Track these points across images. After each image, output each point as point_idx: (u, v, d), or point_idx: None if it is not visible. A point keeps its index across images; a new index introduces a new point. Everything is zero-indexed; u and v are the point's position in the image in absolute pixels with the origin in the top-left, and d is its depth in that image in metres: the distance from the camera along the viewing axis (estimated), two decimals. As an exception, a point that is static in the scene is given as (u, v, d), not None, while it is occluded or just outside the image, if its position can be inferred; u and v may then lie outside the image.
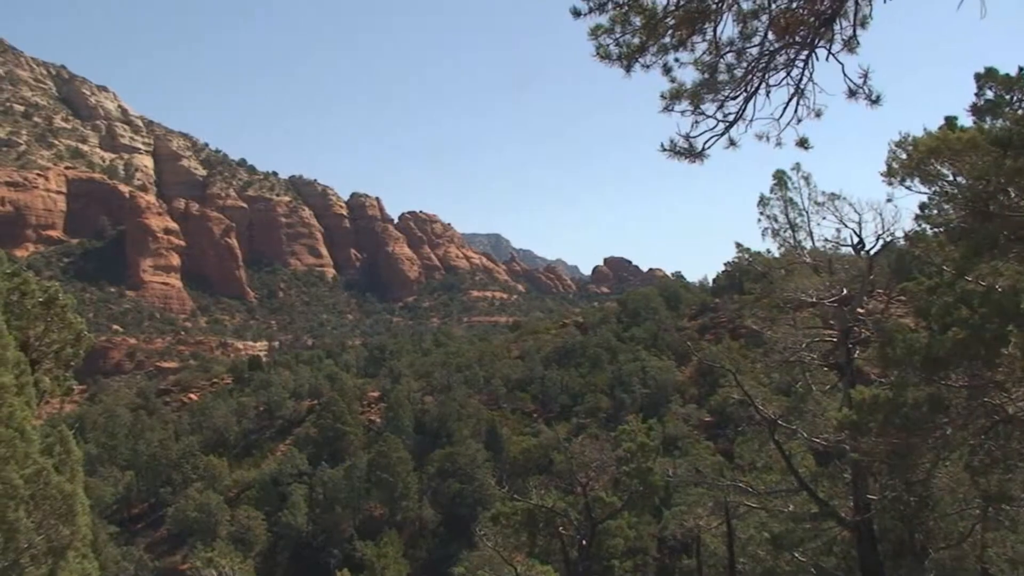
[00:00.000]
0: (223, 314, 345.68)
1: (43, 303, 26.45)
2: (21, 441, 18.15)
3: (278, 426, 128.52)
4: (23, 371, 20.17)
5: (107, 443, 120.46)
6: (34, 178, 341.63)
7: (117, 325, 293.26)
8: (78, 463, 20.36)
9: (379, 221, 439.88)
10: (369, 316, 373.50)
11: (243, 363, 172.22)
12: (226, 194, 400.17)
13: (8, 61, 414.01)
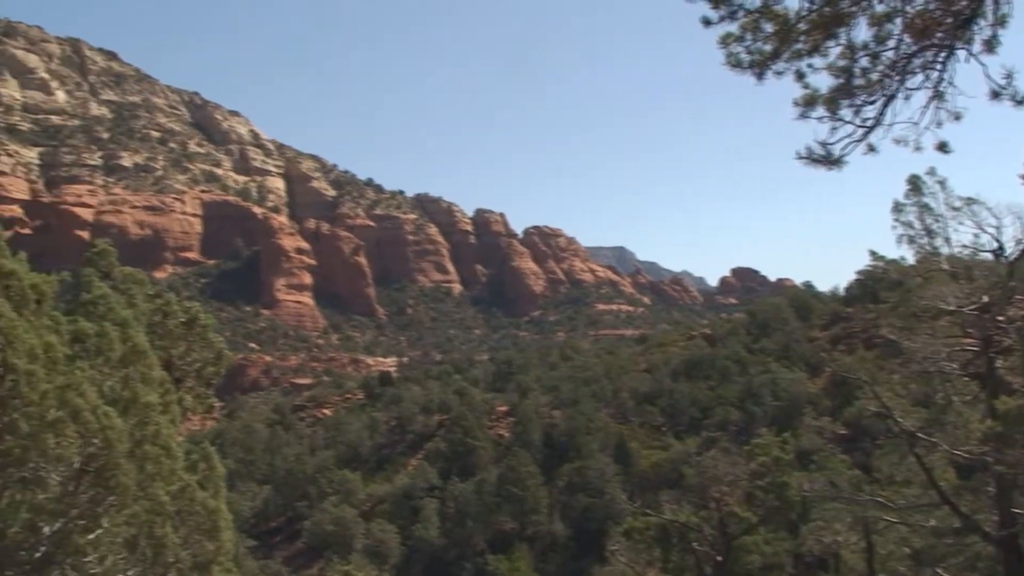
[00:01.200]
0: (354, 331, 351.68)
1: (185, 323, 27.28)
2: (167, 458, 18.67)
3: (409, 441, 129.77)
4: (167, 390, 20.82)
5: (245, 458, 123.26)
6: (171, 202, 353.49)
7: (253, 343, 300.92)
8: (221, 479, 20.87)
9: (504, 236, 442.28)
10: (496, 331, 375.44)
11: (374, 379, 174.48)
12: (355, 213, 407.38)
13: (144, 89, 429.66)
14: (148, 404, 18.86)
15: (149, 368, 20.13)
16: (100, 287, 23.55)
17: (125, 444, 18.71)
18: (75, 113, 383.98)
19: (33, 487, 20.61)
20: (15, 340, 20.06)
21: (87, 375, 19.72)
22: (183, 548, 19.30)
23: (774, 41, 13.28)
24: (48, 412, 19.93)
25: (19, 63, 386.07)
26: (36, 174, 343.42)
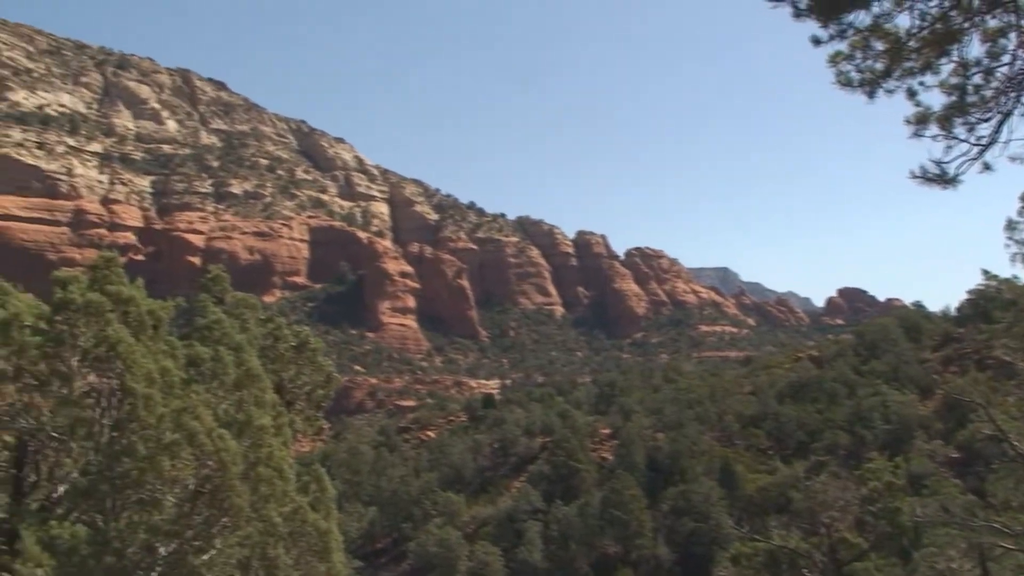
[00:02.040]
0: (457, 353, 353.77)
1: (295, 347, 27.79)
2: (280, 480, 19.02)
3: (512, 463, 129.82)
4: (279, 412, 21.22)
5: (351, 479, 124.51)
6: (279, 227, 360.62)
7: (358, 366, 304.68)
8: (332, 501, 21.18)
9: (605, 258, 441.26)
10: (598, 353, 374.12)
11: (477, 401, 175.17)
12: (457, 237, 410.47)
13: (253, 118, 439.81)
14: (261, 427, 19.25)
15: (262, 391, 20.54)
16: (215, 312, 24.13)
17: (239, 466, 19.10)
18: (186, 142, 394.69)
19: (150, 508, 21.16)
20: (133, 365, 20.66)
21: (202, 398, 20.21)
22: (295, 569, 19.61)
23: (885, 59, 13.13)
24: (164, 435, 20.47)
25: (132, 94, 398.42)
26: (149, 202, 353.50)
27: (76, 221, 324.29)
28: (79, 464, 23.57)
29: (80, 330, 22.39)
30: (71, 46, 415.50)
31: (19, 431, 24.41)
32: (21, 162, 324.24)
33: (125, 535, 20.81)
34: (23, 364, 23.60)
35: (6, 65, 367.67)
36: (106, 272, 22.10)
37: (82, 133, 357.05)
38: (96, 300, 21.43)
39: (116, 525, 21.07)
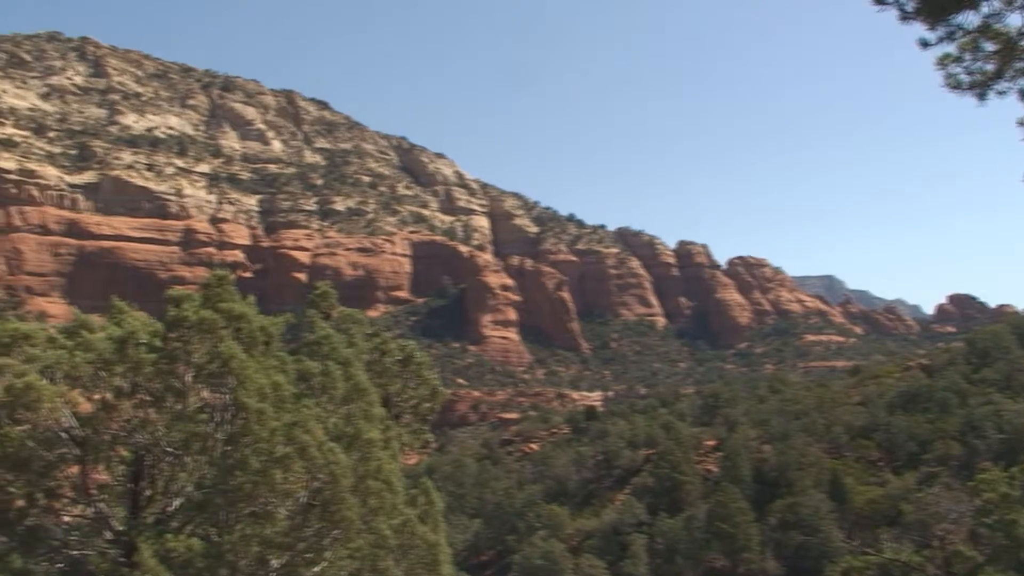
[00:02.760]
0: (559, 365, 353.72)
1: (401, 361, 28.09)
2: (389, 493, 19.23)
3: (616, 475, 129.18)
4: (387, 426, 21.46)
5: (456, 492, 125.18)
6: (382, 243, 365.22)
7: (461, 379, 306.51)
8: (440, 514, 21.34)
9: (707, 268, 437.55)
10: (701, 364, 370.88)
11: (580, 413, 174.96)
12: (557, 249, 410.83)
13: (355, 136, 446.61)
14: (370, 440, 19.49)
15: (370, 405, 20.80)
16: (323, 327, 24.53)
17: (349, 479, 19.37)
18: (291, 161, 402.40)
19: (263, 521, 21.55)
20: (246, 380, 21.10)
21: (313, 412, 20.55)
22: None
23: (996, 60, 12.85)
24: (277, 448, 20.85)
25: (238, 115, 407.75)
26: (256, 220, 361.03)
27: (186, 240, 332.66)
28: (194, 478, 24.12)
29: (194, 347, 22.94)
30: (178, 70, 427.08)
31: (136, 446, 25.07)
32: (132, 184, 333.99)
33: (239, 548, 21.22)
34: (139, 381, 24.26)
35: (116, 90, 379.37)
36: (218, 290, 22.62)
37: (190, 154, 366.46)
38: (209, 317, 21.96)
39: (230, 538, 21.50)
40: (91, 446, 24.93)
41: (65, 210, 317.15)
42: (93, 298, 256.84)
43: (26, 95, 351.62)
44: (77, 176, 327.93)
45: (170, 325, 23.41)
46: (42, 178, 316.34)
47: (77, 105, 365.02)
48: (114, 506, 26.41)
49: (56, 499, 26.62)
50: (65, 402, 24.76)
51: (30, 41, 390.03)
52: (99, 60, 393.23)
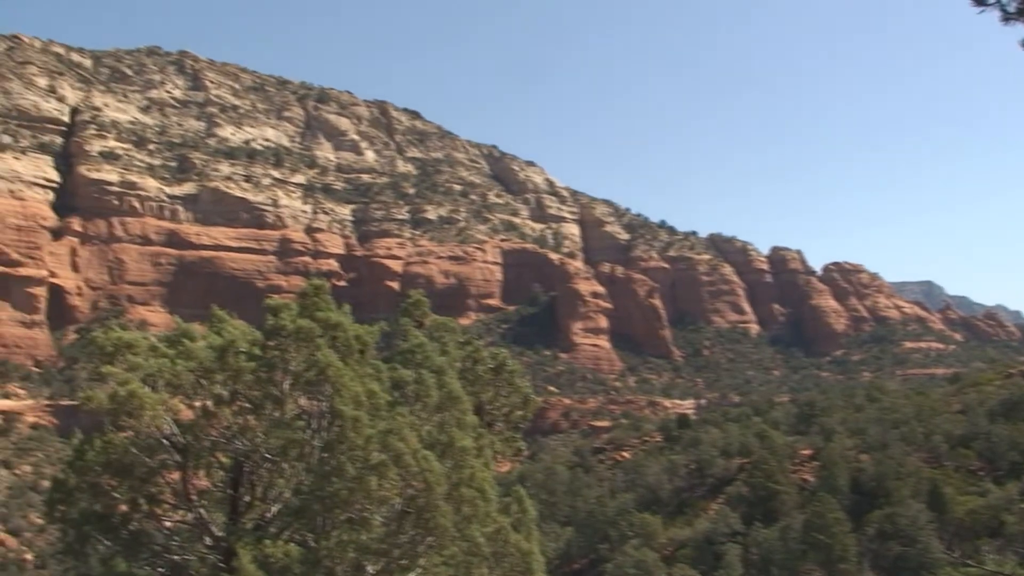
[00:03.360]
0: (650, 373, 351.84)
1: (493, 369, 28.27)
2: (482, 501, 19.37)
3: (709, 484, 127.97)
4: (480, 434, 21.62)
5: (547, 500, 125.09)
6: (473, 251, 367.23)
7: (552, 386, 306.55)
8: (533, 522, 21.43)
9: (801, 274, 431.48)
10: (796, 372, 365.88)
11: (672, 421, 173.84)
12: (648, 256, 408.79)
13: (447, 145, 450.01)
14: (464, 448, 19.65)
15: (463, 413, 20.97)
16: (417, 336, 24.80)
17: (443, 487, 19.55)
18: (384, 171, 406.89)
19: (359, 527, 21.86)
20: (342, 388, 21.44)
21: (407, 420, 20.78)
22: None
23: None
24: (372, 456, 21.13)
25: (332, 126, 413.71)
26: (349, 229, 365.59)
27: (282, 249, 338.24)
28: (291, 484, 24.58)
29: (291, 355, 23.40)
30: (274, 82, 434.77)
31: (235, 453, 25.62)
32: (230, 195, 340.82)
33: (335, 554, 21.55)
34: (239, 388, 24.80)
35: (214, 103, 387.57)
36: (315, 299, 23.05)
37: (286, 165, 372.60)
38: (306, 326, 22.39)
39: (327, 544, 21.84)
40: (192, 452, 25.55)
41: (165, 221, 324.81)
42: (192, 307, 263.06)
43: (127, 109, 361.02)
44: (177, 187, 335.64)
45: (268, 334, 23.90)
46: (143, 190, 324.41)
47: (176, 118, 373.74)
48: (214, 512, 27.02)
49: (158, 504, 27.32)
50: (167, 409, 25.41)
51: (131, 56, 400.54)
52: (197, 74, 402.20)
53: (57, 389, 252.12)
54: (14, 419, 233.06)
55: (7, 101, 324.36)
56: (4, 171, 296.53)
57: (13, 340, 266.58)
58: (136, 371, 24.94)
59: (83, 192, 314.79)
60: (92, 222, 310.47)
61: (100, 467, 26.33)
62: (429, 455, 20.10)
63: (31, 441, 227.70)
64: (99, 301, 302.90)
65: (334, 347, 22.74)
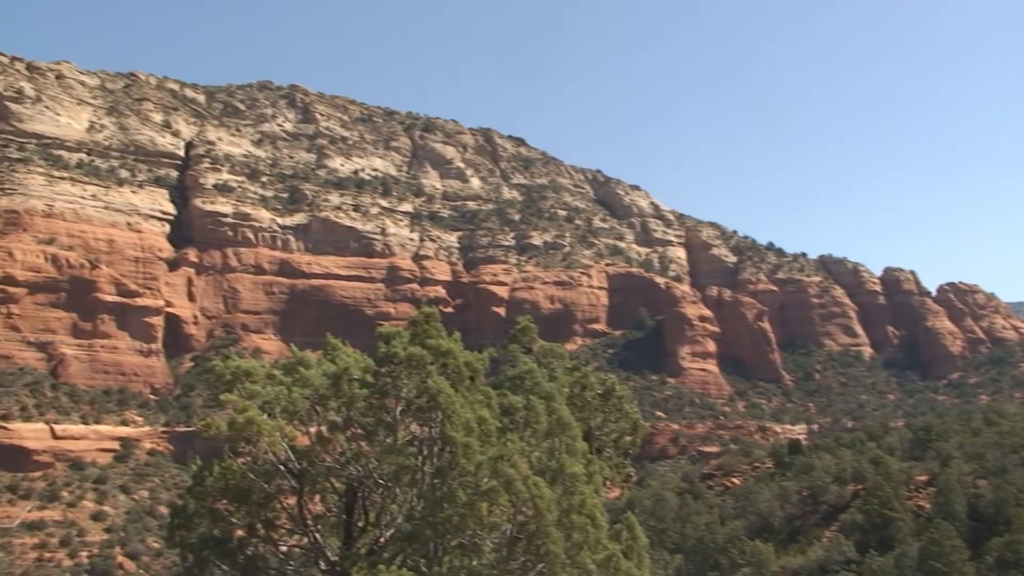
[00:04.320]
0: (760, 397, 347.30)
1: (601, 395, 28.36)
2: (592, 527, 19.46)
3: (822, 511, 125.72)
4: (590, 460, 21.72)
5: (656, 526, 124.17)
6: (578, 276, 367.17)
7: (659, 411, 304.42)
8: (644, 549, 21.43)
9: (915, 295, 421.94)
10: (911, 395, 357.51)
11: (783, 447, 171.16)
12: (756, 279, 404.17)
13: (551, 171, 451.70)
14: (574, 474, 19.77)
15: (573, 439, 21.10)
16: (526, 362, 25.04)
17: (554, 513, 19.68)
18: (489, 198, 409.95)
19: (470, 553, 22.11)
20: (453, 414, 21.76)
21: (517, 446, 21.00)
22: (610, 615, 19.91)
23: None
24: (483, 482, 21.39)
25: (438, 155, 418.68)
26: (456, 256, 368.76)
27: (390, 277, 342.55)
28: (404, 510, 24.97)
29: (403, 382, 23.84)
30: (381, 113, 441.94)
31: (349, 478, 26.13)
32: (340, 224, 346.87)
33: (448, 578, 21.84)
34: (352, 415, 25.34)
35: (324, 135, 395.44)
36: (426, 326, 23.47)
37: (394, 194, 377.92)
38: (417, 353, 22.80)
39: (439, 570, 22.15)
40: (307, 478, 26.14)
41: (277, 251, 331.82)
42: (304, 334, 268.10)
43: (240, 142, 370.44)
44: (288, 218, 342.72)
45: (381, 361, 24.38)
46: (256, 221, 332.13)
47: (287, 150, 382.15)
48: (328, 536, 27.58)
49: (274, 529, 27.98)
50: (283, 436, 26.06)
51: (243, 91, 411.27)
52: (307, 107, 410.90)
53: (173, 416, 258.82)
54: (132, 445, 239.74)
55: (125, 137, 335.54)
56: (122, 204, 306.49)
57: (131, 368, 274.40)
58: (254, 398, 25.64)
59: (198, 224, 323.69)
60: (207, 253, 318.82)
61: (218, 492, 27.08)
62: (539, 481, 20.26)
63: (148, 467, 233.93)
64: (214, 330, 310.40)
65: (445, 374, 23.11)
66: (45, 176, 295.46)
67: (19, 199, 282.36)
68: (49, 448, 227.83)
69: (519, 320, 29.89)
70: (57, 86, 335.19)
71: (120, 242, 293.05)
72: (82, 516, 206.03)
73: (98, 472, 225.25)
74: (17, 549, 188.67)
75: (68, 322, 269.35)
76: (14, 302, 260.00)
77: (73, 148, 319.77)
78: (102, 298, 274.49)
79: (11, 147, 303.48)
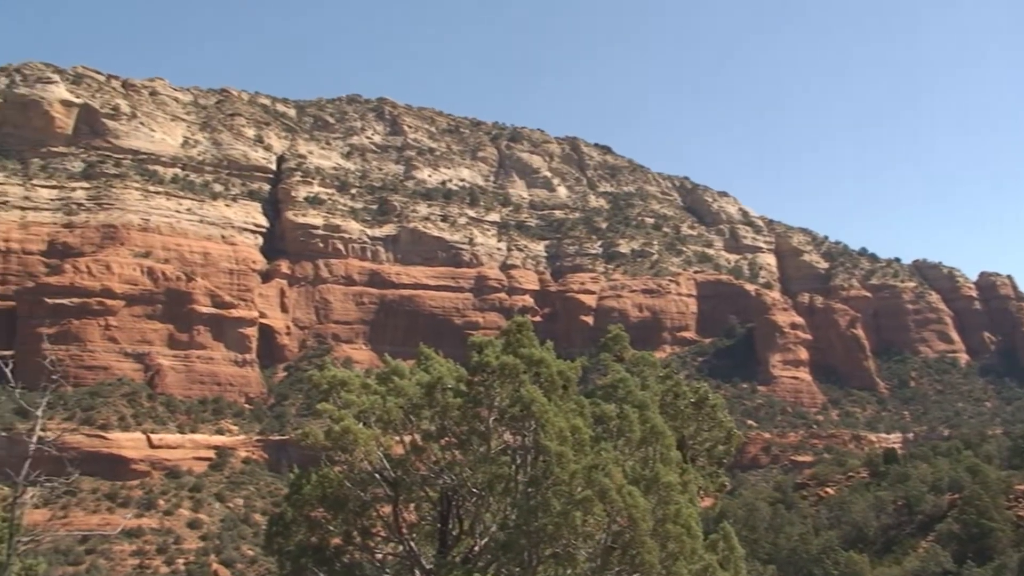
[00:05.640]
0: (853, 406, 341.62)
1: (694, 403, 28.21)
2: (688, 537, 19.40)
3: (918, 521, 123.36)
4: (684, 469, 21.63)
5: (748, 536, 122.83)
6: (667, 284, 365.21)
7: (751, 420, 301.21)
8: (741, 560, 21.32)
9: (1013, 300, 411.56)
10: (1009, 403, 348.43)
11: (878, 456, 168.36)
12: (849, 285, 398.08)
13: (638, 179, 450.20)
14: (669, 484, 19.71)
15: (667, 448, 21.04)
16: (618, 370, 25.04)
17: (649, 523, 19.62)
18: (576, 206, 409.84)
19: (565, 563, 22.17)
20: (546, 423, 21.85)
21: (611, 456, 21.00)
22: (706, 626, 19.79)
23: None
24: (577, 491, 21.43)
25: (525, 164, 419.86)
26: (543, 265, 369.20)
27: (478, 287, 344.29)
28: (497, 519, 25.11)
29: (496, 391, 24.00)
30: (468, 124, 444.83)
31: (443, 487, 26.38)
32: (428, 235, 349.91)
33: (543, 588, 21.90)
34: (446, 424, 25.60)
35: (412, 146, 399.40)
36: (518, 336, 23.61)
37: (481, 204, 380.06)
38: (510, 362, 22.93)
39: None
40: (402, 487, 26.45)
41: (367, 261, 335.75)
42: (393, 344, 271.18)
43: (330, 155, 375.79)
44: (377, 229, 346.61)
45: (473, 370, 24.59)
46: (346, 232, 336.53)
47: (376, 162, 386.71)
48: (423, 545, 27.86)
49: (370, 537, 28.36)
50: (378, 445, 26.40)
51: (333, 104, 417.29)
52: (396, 119, 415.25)
53: (267, 425, 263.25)
54: (227, 454, 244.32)
55: (218, 151, 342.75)
56: (217, 218, 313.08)
57: (227, 378, 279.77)
58: (349, 408, 26.03)
59: (290, 236, 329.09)
60: (299, 264, 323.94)
61: (316, 501, 27.55)
62: (634, 491, 20.24)
63: (242, 475, 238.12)
64: (306, 340, 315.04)
65: (538, 383, 23.21)
66: (141, 191, 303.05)
67: (116, 214, 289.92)
68: (146, 457, 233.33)
69: (610, 328, 29.91)
70: (152, 103, 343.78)
71: (215, 255, 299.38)
72: (178, 524, 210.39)
73: (194, 480, 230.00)
74: (116, 556, 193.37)
75: (164, 333, 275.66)
76: (112, 314, 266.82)
77: (168, 163, 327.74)
78: (197, 310, 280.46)
79: (108, 163, 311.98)
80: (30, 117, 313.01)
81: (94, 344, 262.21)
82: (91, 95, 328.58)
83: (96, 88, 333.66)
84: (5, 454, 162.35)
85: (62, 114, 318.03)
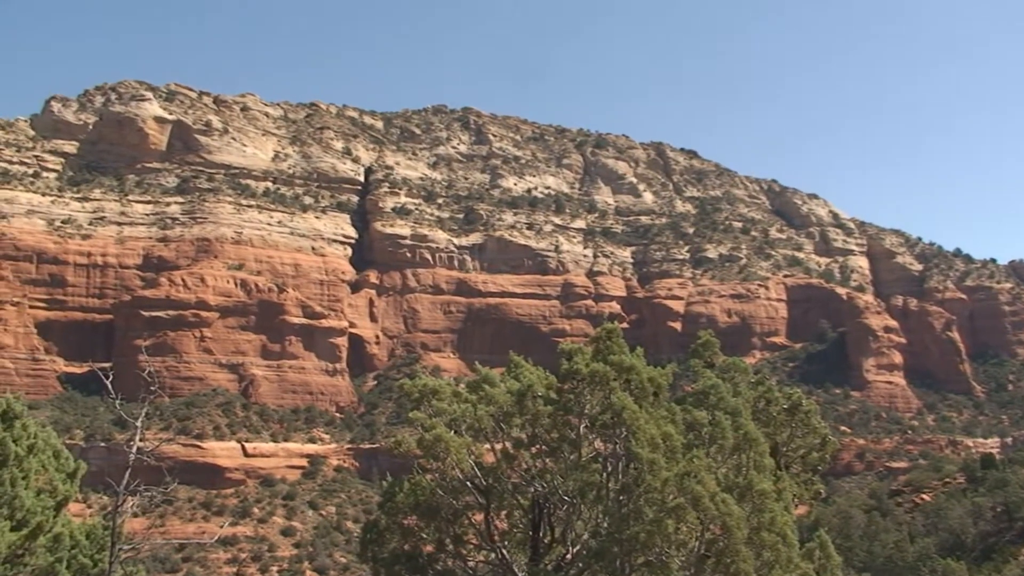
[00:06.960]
0: (950, 410, 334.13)
1: (787, 410, 27.88)
2: (784, 546, 19.14)
3: (1017, 528, 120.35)
4: (778, 477, 21.36)
5: (843, 544, 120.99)
6: (755, 288, 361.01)
7: (844, 426, 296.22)
8: (838, 568, 20.98)
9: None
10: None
11: (975, 461, 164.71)
12: (943, 287, 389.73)
13: (725, 183, 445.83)
14: (763, 491, 19.48)
15: (761, 455, 20.80)
16: (710, 377, 24.83)
17: (743, 531, 19.41)
18: (662, 212, 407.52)
19: (658, 571, 22.01)
20: (637, 430, 21.74)
21: (703, 463, 20.83)
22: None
23: None
24: (669, 499, 21.29)
25: (610, 171, 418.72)
26: (630, 271, 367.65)
27: (564, 294, 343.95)
28: (589, 526, 25.07)
29: (586, 398, 23.99)
30: (553, 132, 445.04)
31: (534, 495, 26.40)
32: (514, 243, 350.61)
33: (636, 595, 21.76)
34: (537, 432, 25.63)
35: (497, 155, 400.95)
36: (608, 343, 23.55)
37: (567, 211, 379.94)
38: (600, 370, 22.89)
39: (627, 585, 22.10)
40: (494, 494, 26.53)
41: (455, 270, 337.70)
42: (481, 352, 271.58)
43: (416, 165, 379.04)
44: (464, 238, 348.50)
45: (563, 377, 24.60)
46: (433, 242, 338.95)
47: (462, 172, 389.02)
48: (515, 552, 27.90)
49: (463, 545, 28.50)
50: (470, 453, 26.53)
51: (418, 116, 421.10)
52: (481, 128, 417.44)
53: (358, 433, 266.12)
54: (319, 462, 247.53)
55: (308, 165, 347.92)
56: (307, 230, 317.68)
57: (318, 387, 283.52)
58: (441, 416, 26.21)
59: (378, 246, 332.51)
60: (388, 274, 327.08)
61: (408, 508, 27.76)
62: (728, 498, 20.03)
63: (334, 483, 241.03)
64: (395, 349, 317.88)
65: (628, 390, 23.12)
66: (233, 204, 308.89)
67: (210, 227, 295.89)
68: (241, 466, 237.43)
69: (700, 334, 29.68)
70: (243, 118, 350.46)
71: (305, 266, 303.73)
72: (272, 531, 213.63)
73: (287, 488, 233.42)
74: (212, 564, 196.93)
75: (257, 344, 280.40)
76: (207, 326, 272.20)
77: (259, 177, 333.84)
78: (289, 320, 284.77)
79: (201, 178, 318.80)
80: (125, 134, 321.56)
81: (189, 355, 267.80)
82: (184, 111, 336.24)
83: (189, 105, 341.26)
84: (105, 464, 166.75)
85: (156, 131, 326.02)
